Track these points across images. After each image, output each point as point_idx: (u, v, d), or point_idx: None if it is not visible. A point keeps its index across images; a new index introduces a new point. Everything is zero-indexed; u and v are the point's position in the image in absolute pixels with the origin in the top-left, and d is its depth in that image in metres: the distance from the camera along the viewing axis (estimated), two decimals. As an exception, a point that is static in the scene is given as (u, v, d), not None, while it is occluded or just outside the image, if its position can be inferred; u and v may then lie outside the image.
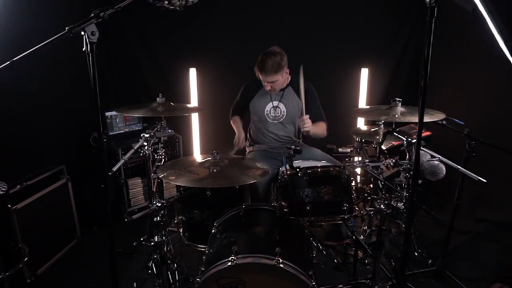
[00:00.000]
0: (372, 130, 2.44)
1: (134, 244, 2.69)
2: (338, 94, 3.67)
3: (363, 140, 2.30)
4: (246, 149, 2.99)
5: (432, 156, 1.84)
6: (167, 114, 2.22)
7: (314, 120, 2.66)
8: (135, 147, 1.92)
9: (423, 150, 1.84)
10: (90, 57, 1.28)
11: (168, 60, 3.64)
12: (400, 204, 1.76)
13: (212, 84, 3.64)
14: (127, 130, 3.30)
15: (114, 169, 1.76)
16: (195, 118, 3.69)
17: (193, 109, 3.07)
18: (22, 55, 1.12)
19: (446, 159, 1.83)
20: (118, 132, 3.26)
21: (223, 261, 1.58)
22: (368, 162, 1.94)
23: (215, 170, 1.86)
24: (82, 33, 1.26)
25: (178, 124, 3.63)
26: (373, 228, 2.64)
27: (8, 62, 1.06)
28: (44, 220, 2.54)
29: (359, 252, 2.51)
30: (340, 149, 3.39)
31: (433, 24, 1.18)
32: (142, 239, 2.70)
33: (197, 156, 3.61)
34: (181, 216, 2.30)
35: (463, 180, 2.22)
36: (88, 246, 2.87)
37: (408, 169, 1.78)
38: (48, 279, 2.49)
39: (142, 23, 3.56)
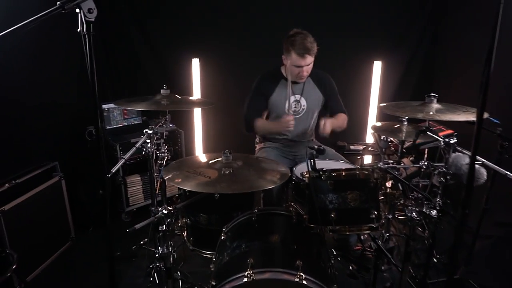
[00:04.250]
0: (395, 126, 2.23)
1: (134, 248, 2.51)
2: (350, 88, 3.46)
3: (389, 140, 2.07)
4: (256, 145, 2.78)
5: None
6: (172, 107, 2.00)
7: (334, 113, 2.56)
8: (137, 145, 1.72)
9: (461, 152, 1.66)
10: (87, 38, 1.07)
11: (169, 49, 3.41)
12: (433, 212, 1.57)
13: (216, 76, 3.42)
14: (125, 124, 3.08)
15: (113, 170, 1.56)
16: (197, 111, 3.47)
17: (201, 103, 2.66)
18: (3, 33, 0.91)
19: (492, 164, 1.65)
20: (115, 126, 3.03)
21: (238, 276, 1.39)
22: (394, 163, 1.75)
23: (227, 172, 1.65)
24: (78, 10, 1.05)
25: (180, 118, 3.41)
26: (391, 233, 2.47)
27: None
28: (35, 221, 2.35)
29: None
30: (352, 147, 3.20)
31: (501, 8, 0.98)
32: (142, 242, 2.52)
33: (202, 154, 3.41)
34: (186, 219, 2.11)
35: (493, 184, 2.06)
36: (83, 249, 2.68)
37: (444, 173, 1.60)
38: (40, 285, 2.31)
39: (140, 9, 3.33)
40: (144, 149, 1.73)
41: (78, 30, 1.07)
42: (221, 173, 1.65)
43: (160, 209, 1.38)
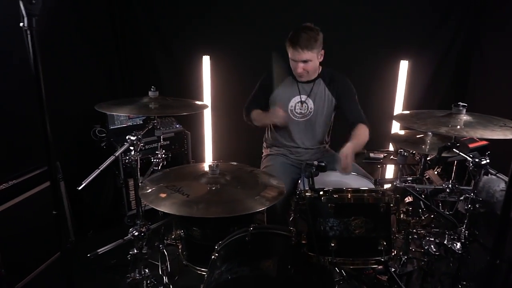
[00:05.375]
0: (417, 136, 1.94)
1: (128, 257, 2.37)
2: (372, 89, 3.18)
3: (407, 154, 1.73)
4: (263, 150, 2.59)
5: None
6: (160, 113, 1.81)
7: (351, 121, 2.25)
8: (116, 154, 1.56)
9: (495, 175, 1.38)
10: (30, 35, 0.90)
11: (180, 45, 3.26)
12: (456, 246, 1.31)
13: (228, 75, 3.23)
14: (129, 124, 2.95)
15: (85, 182, 1.41)
16: (207, 112, 3.30)
17: (198, 107, 2.31)
18: None
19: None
20: (119, 126, 2.91)
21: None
22: (415, 181, 1.50)
23: (213, 188, 1.46)
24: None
25: (188, 118, 3.24)
26: (410, 256, 2.19)
27: None
28: (31, 224, 2.26)
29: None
30: (371, 154, 2.91)
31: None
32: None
33: (198, 163, 3.20)
34: (180, 231, 1.95)
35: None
36: (82, 253, 2.58)
37: (472, 200, 1.33)
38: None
39: (152, 5, 3.20)
40: (128, 158, 1.56)
41: (21, 24, 0.91)
42: (206, 189, 1.45)
43: (131, 230, 1.21)
